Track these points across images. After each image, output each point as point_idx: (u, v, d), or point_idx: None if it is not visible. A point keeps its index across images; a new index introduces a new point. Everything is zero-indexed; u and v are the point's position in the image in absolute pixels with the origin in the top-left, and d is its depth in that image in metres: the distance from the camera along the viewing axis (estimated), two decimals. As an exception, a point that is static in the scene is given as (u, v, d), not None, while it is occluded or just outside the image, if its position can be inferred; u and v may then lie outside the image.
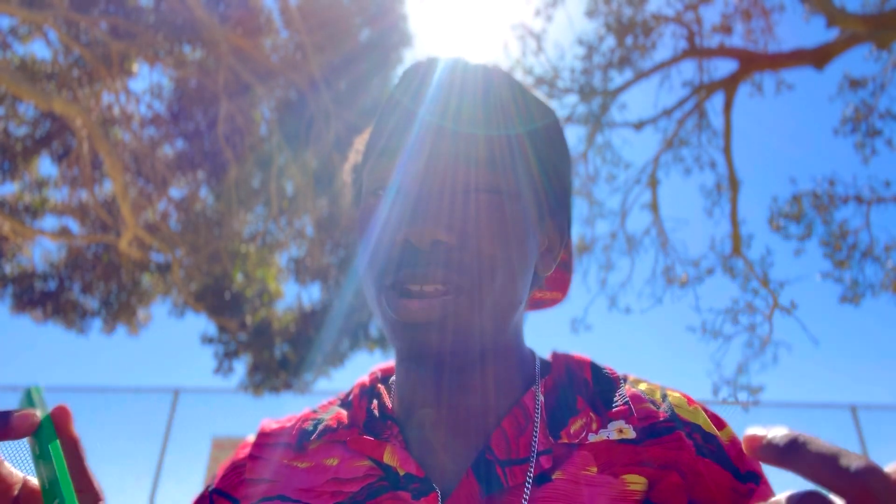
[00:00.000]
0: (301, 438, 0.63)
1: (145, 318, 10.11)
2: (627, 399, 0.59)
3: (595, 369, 0.64)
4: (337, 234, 8.95)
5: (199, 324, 11.76)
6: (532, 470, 0.54)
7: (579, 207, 8.84)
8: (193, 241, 8.56)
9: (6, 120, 8.31)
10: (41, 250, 9.51)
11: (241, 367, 9.71)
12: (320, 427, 0.63)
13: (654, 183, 8.72)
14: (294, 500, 0.57)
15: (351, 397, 0.66)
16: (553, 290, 0.74)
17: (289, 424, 0.67)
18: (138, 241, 8.48)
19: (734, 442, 0.57)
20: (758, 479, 0.55)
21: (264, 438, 0.66)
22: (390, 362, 0.71)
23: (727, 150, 8.10)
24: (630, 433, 0.56)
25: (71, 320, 9.33)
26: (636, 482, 0.53)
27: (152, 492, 5.74)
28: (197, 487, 6.68)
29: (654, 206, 8.74)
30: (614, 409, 0.58)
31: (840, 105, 8.34)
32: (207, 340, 9.85)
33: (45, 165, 10.66)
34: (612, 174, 8.80)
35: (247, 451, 0.66)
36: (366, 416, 0.62)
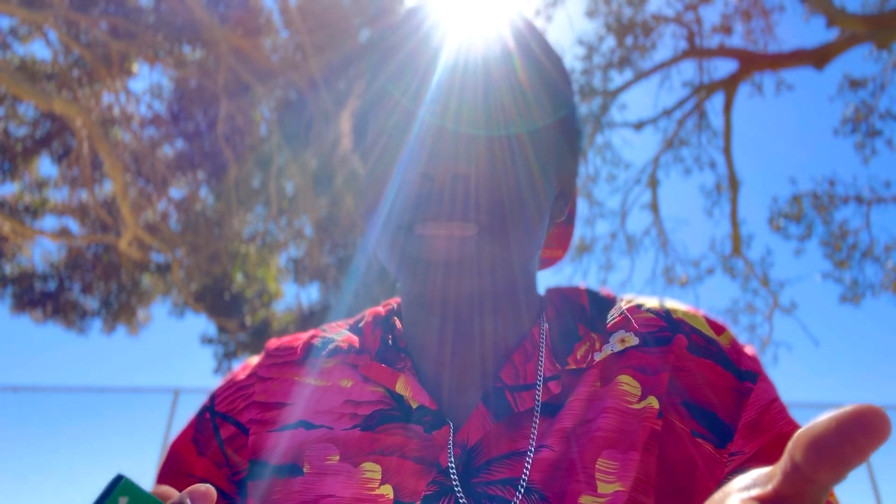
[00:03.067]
0: (309, 353, 0.62)
1: (145, 318, 10.11)
2: (624, 310, 0.59)
3: (591, 294, 0.64)
4: (336, 234, 8.95)
5: (199, 324, 11.79)
6: (540, 394, 0.54)
7: (579, 208, 8.84)
8: (193, 241, 8.56)
9: (6, 120, 8.31)
10: (41, 250, 9.53)
11: (240, 367, 9.72)
12: (330, 346, 0.62)
13: (654, 183, 8.72)
14: (317, 426, 0.56)
15: (362, 324, 0.64)
16: (554, 248, 0.72)
17: (296, 343, 0.65)
18: (138, 241, 8.48)
19: (734, 344, 0.58)
20: (755, 378, 0.55)
21: (271, 358, 0.64)
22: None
23: (727, 150, 8.10)
24: (633, 340, 0.57)
25: (71, 320, 9.33)
26: (628, 383, 0.54)
27: (152, 492, 5.74)
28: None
29: (654, 206, 8.75)
30: (612, 322, 0.59)
31: (840, 105, 8.36)
32: (207, 340, 9.86)
33: (45, 165, 10.68)
34: (612, 174, 8.81)
35: (250, 370, 0.63)
36: (379, 344, 0.60)
